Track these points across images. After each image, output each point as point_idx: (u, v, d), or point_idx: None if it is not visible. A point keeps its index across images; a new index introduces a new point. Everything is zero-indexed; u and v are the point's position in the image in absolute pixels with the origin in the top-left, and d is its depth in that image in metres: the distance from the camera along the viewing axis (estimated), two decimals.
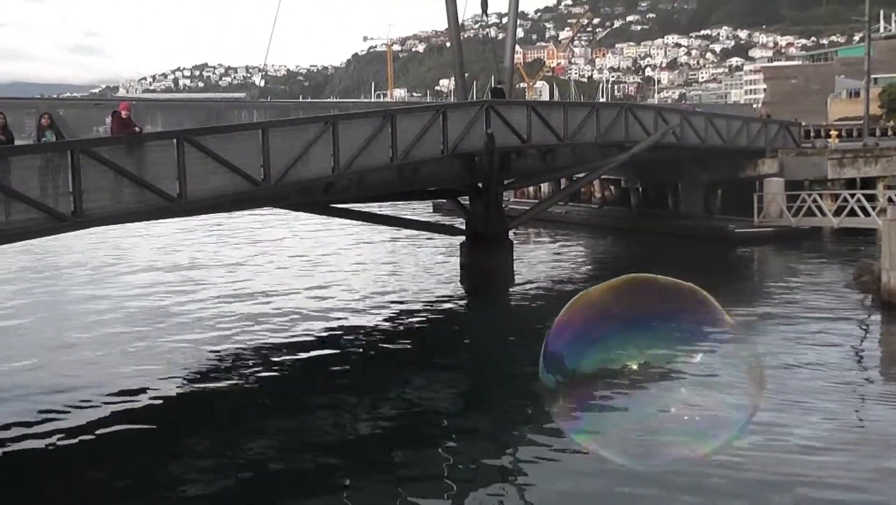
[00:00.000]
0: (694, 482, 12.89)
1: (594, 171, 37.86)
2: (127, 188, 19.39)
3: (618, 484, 13.03)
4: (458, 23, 36.80)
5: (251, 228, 49.67)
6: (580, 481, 13.63)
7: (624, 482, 12.90)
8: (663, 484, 12.70)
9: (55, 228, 18.46)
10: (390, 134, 25.60)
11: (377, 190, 28.65)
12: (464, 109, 29.74)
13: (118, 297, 31.02)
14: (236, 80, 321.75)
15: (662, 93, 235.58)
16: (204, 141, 20.81)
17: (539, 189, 54.62)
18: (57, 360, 22.56)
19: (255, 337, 24.89)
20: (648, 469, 6.01)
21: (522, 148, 31.20)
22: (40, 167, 18.00)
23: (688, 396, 5.59)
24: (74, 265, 37.81)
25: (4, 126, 18.85)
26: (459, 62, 37.18)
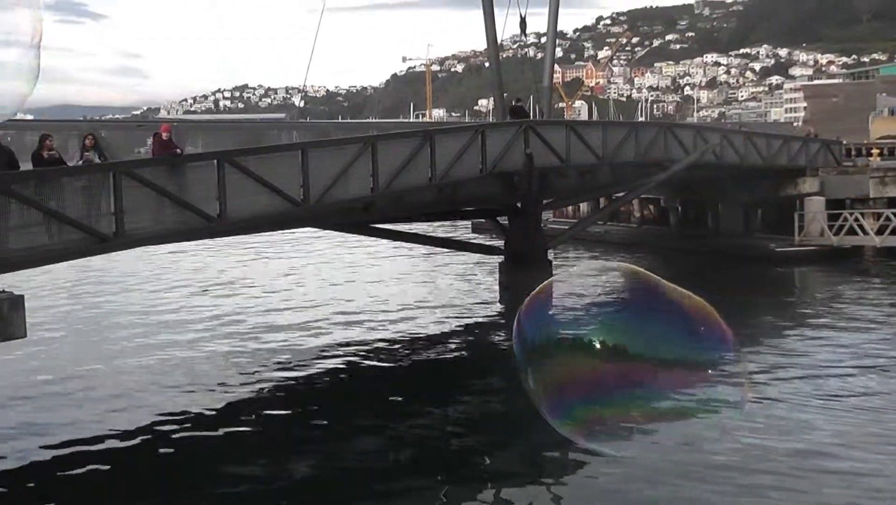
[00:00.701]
0: None
1: (633, 191, 37.72)
2: (168, 209, 19.51)
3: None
4: (497, 43, 36.86)
5: (287, 245, 49.87)
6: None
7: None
8: None
9: (97, 249, 18.60)
10: (429, 154, 25.62)
11: (416, 210, 28.69)
12: (503, 129, 29.73)
13: (161, 312, 31.31)
14: (276, 100, 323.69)
15: (702, 111, 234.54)
16: (244, 162, 20.92)
17: (578, 208, 54.41)
18: (98, 375, 22.77)
19: (295, 354, 24.99)
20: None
21: (561, 167, 31.11)
22: (83, 188, 18.14)
23: None
24: (117, 281, 38.14)
25: (52, 147, 19.07)
26: (498, 82, 37.25)
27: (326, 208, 23.41)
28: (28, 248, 16.90)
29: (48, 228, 17.16)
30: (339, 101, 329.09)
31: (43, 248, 17.16)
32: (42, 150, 18.83)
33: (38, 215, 17.03)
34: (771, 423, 17.17)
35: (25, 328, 16.30)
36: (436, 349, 26.19)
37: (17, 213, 16.66)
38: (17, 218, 16.66)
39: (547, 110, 40.43)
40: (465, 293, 35.10)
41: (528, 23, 38.57)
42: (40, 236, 17.07)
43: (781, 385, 20.32)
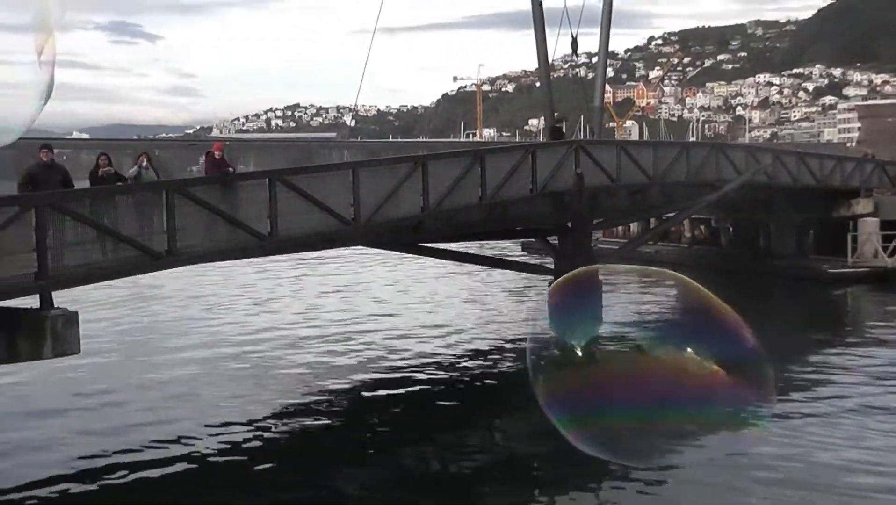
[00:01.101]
0: None
1: (684, 211, 37.47)
2: (220, 227, 19.67)
3: None
4: (549, 63, 36.83)
5: (337, 263, 50.06)
6: None
7: None
8: None
9: (150, 266, 18.79)
10: (479, 174, 25.64)
11: (466, 229, 28.66)
12: (553, 149, 29.68)
13: (210, 326, 31.58)
14: (327, 119, 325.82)
15: (753, 132, 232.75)
16: (295, 180, 21.06)
17: (628, 228, 54.13)
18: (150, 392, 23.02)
19: (344, 372, 25.08)
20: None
21: (612, 187, 30.99)
22: (137, 206, 18.38)
23: None
24: (168, 296, 38.50)
25: (108, 165, 19.32)
26: (549, 102, 37.16)
27: (376, 227, 23.49)
28: (83, 265, 17.14)
29: (103, 246, 17.39)
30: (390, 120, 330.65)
31: (98, 265, 17.39)
32: (98, 169, 19.13)
33: (92, 233, 17.27)
34: (813, 440, 17.12)
35: (79, 344, 16.53)
36: (484, 368, 26.13)
37: (72, 231, 16.90)
38: (72, 235, 16.90)
39: (597, 130, 40.29)
40: (515, 312, 35.01)
41: (579, 43, 38.48)
42: (95, 253, 17.31)
43: (831, 403, 20.19)
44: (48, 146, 18.84)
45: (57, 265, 16.50)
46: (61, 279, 16.76)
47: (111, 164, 19.47)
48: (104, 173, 19.08)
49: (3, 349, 16.14)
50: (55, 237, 16.51)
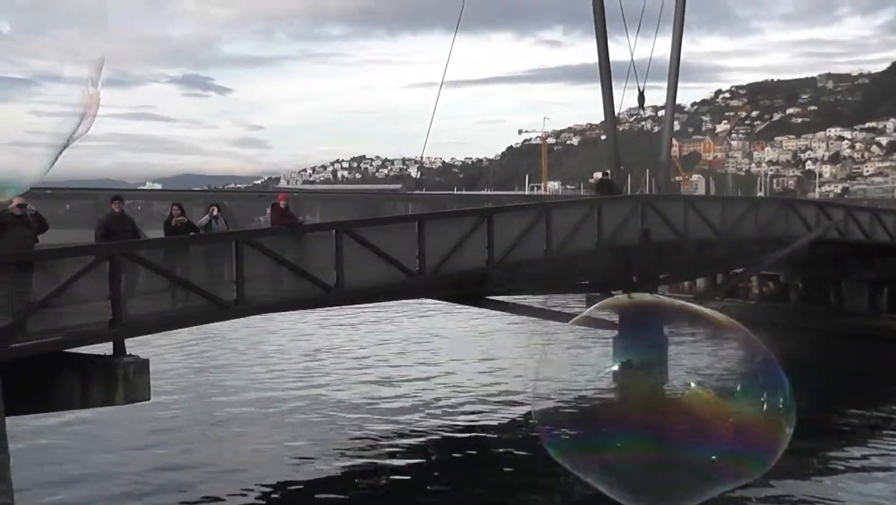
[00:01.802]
0: None
1: (752, 267, 37.13)
2: (286, 277, 19.93)
3: None
4: (615, 116, 36.91)
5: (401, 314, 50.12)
6: None
7: None
8: None
9: (219, 315, 19.09)
10: (545, 227, 25.67)
11: (530, 282, 28.67)
12: (619, 203, 29.66)
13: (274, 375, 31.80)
14: (393, 171, 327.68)
15: (824, 187, 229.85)
16: (362, 232, 21.28)
17: (695, 284, 53.67)
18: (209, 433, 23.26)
19: (406, 423, 25.07)
20: None
21: (678, 242, 30.84)
22: (207, 256, 18.71)
23: None
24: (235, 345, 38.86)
25: (181, 215, 19.76)
26: (615, 155, 37.20)
27: (441, 280, 23.60)
28: (154, 313, 17.48)
29: (173, 295, 17.72)
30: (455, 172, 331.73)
31: (168, 313, 17.73)
32: (172, 218, 19.57)
33: (164, 282, 17.61)
34: None
35: (150, 391, 16.80)
36: None
37: (144, 280, 17.25)
38: (144, 284, 17.25)
39: (664, 184, 40.19)
40: None
41: (646, 96, 38.54)
42: (166, 302, 17.64)
43: None
44: (119, 198, 19.39)
45: (130, 313, 16.83)
46: (134, 327, 17.08)
47: (184, 214, 19.90)
48: (177, 223, 19.50)
49: (77, 395, 16.45)
50: (128, 286, 16.87)
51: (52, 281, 16.21)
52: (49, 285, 16.08)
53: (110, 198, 19.79)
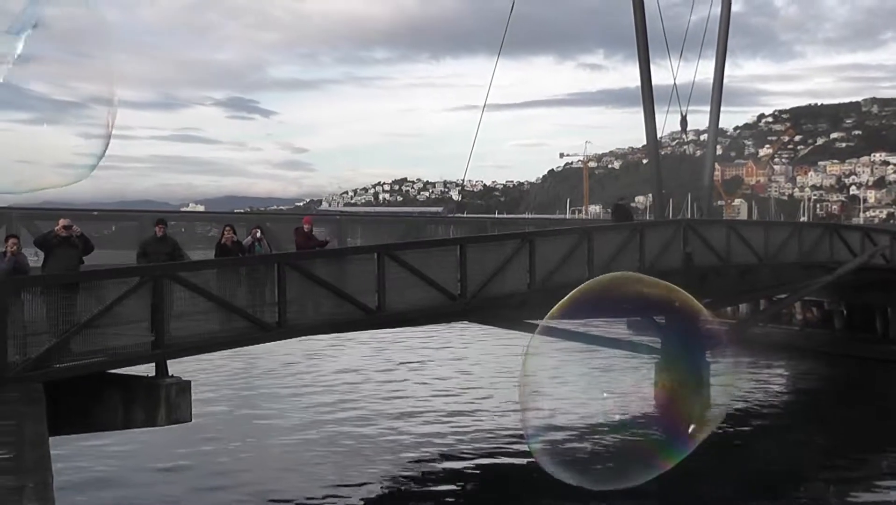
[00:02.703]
0: None
1: (796, 293, 36.75)
2: (327, 300, 19.99)
3: None
4: (657, 140, 36.77)
5: (440, 337, 50.07)
6: None
7: None
8: None
9: (261, 337, 19.17)
10: (586, 251, 25.60)
11: None
12: (661, 227, 29.53)
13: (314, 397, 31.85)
14: (434, 194, 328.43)
15: (868, 212, 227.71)
16: (403, 255, 21.31)
17: (737, 309, 53.22)
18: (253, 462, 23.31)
19: (451, 444, 25.07)
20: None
21: (721, 267, 30.62)
22: (249, 278, 18.83)
23: None
24: (275, 367, 38.98)
25: (230, 235, 20.04)
26: (657, 180, 37.05)
27: (482, 303, 23.56)
28: (196, 335, 17.60)
29: (216, 316, 17.82)
30: (496, 195, 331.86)
31: (210, 335, 17.82)
32: (222, 239, 19.84)
33: (206, 303, 17.72)
34: None
35: (191, 412, 16.90)
36: (588, 447, 25.77)
37: (186, 301, 17.37)
38: (186, 305, 17.37)
39: (706, 209, 40.01)
40: (619, 393, 34.47)
41: (688, 120, 38.41)
42: (208, 324, 17.75)
43: None
44: (163, 221, 19.64)
45: (172, 335, 16.96)
46: (176, 349, 17.21)
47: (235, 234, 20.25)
48: (227, 240, 19.77)
49: (119, 416, 16.59)
50: (171, 307, 17.01)
51: (96, 302, 16.37)
52: (93, 306, 16.24)
53: (154, 220, 20.03)
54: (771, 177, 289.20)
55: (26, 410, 12.51)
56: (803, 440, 26.44)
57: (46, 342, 15.41)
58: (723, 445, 25.83)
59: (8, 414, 11.85)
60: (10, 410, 12.15)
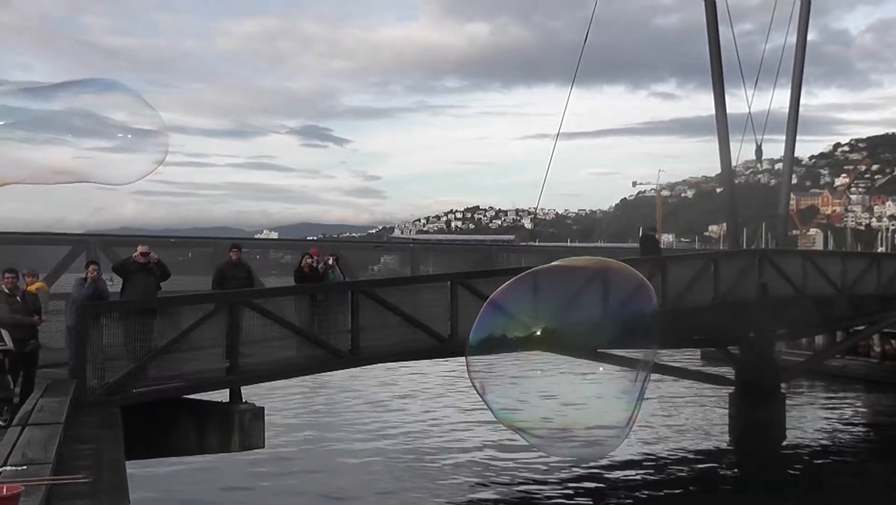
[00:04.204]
0: None
1: (874, 325, 36.03)
2: (401, 328, 20.03)
3: None
4: (732, 169, 36.42)
5: None
6: None
7: None
8: None
9: (334, 364, 19.29)
10: (660, 281, 25.37)
11: None
12: (736, 257, 29.20)
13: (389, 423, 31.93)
14: (506, 222, 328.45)
15: None
16: (476, 284, 21.28)
17: (813, 340, 52.33)
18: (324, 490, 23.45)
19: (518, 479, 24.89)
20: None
21: (797, 298, 30.14)
22: (323, 305, 18.96)
23: None
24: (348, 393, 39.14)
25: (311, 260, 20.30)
26: (732, 209, 36.67)
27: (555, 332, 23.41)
28: (270, 361, 17.74)
29: (290, 343, 17.97)
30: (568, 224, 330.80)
31: (284, 361, 17.97)
32: (303, 266, 20.08)
33: (280, 330, 17.87)
34: None
35: (264, 439, 17.01)
36: (661, 480, 25.50)
37: (261, 329, 17.53)
38: (261, 332, 17.53)
39: (781, 239, 39.46)
40: (693, 424, 34.12)
41: (763, 149, 37.99)
42: (283, 350, 17.90)
43: None
44: (237, 246, 19.89)
45: (246, 361, 17.12)
46: (250, 375, 17.38)
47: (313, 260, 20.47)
48: (306, 265, 20.00)
49: (194, 441, 16.76)
50: (246, 333, 17.18)
51: (172, 327, 16.60)
52: (170, 332, 16.46)
53: (230, 246, 20.30)
54: (847, 206, 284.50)
55: (104, 434, 12.68)
56: (882, 477, 25.85)
57: (124, 367, 15.64)
58: (801, 481, 25.42)
59: (87, 438, 12.03)
60: (88, 434, 12.34)
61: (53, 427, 11.02)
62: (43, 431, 10.78)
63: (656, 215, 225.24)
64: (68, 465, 9.86)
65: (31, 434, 10.57)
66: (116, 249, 25.48)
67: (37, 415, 12.01)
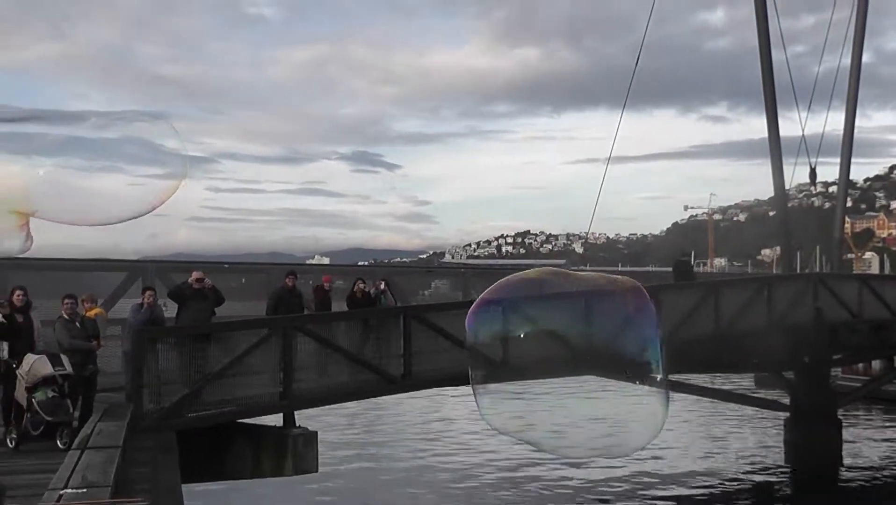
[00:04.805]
0: None
1: None
2: (451, 352, 20.04)
3: None
4: (785, 193, 36.13)
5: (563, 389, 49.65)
6: None
7: None
8: None
9: (386, 390, 19.35)
10: (713, 305, 25.22)
11: (698, 361, 28.08)
12: (790, 282, 28.94)
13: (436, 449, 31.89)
14: (557, 247, 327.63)
15: None
16: (527, 308, 21.24)
17: (870, 365, 51.55)
18: None
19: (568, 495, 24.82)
20: None
21: (853, 322, 29.79)
22: (376, 330, 19.06)
23: None
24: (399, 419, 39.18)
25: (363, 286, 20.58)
26: (786, 232, 36.36)
27: (606, 357, 23.33)
28: (324, 386, 17.85)
29: (343, 368, 18.09)
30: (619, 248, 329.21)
31: (337, 386, 18.06)
32: (355, 291, 20.26)
33: (333, 355, 17.98)
34: None
35: (317, 463, 17.09)
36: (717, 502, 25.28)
37: (314, 353, 17.66)
38: (314, 357, 17.66)
39: (836, 262, 39.07)
40: (747, 450, 33.74)
41: (817, 172, 37.66)
42: (336, 375, 18.00)
43: None
44: (294, 273, 20.11)
45: (300, 385, 17.24)
46: (304, 399, 17.49)
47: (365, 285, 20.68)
48: (359, 291, 20.16)
49: (248, 466, 16.88)
50: (299, 358, 17.31)
51: (227, 352, 16.75)
52: (224, 356, 16.61)
53: (286, 272, 20.50)
54: None
55: (161, 458, 12.84)
56: None
57: (179, 392, 15.81)
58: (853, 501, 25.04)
59: (144, 461, 12.19)
60: (145, 458, 12.49)
61: (112, 451, 11.16)
62: (101, 454, 10.92)
63: (708, 239, 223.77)
64: (127, 488, 9.99)
65: (91, 457, 10.71)
66: (172, 275, 25.81)
67: (95, 438, 12.17)
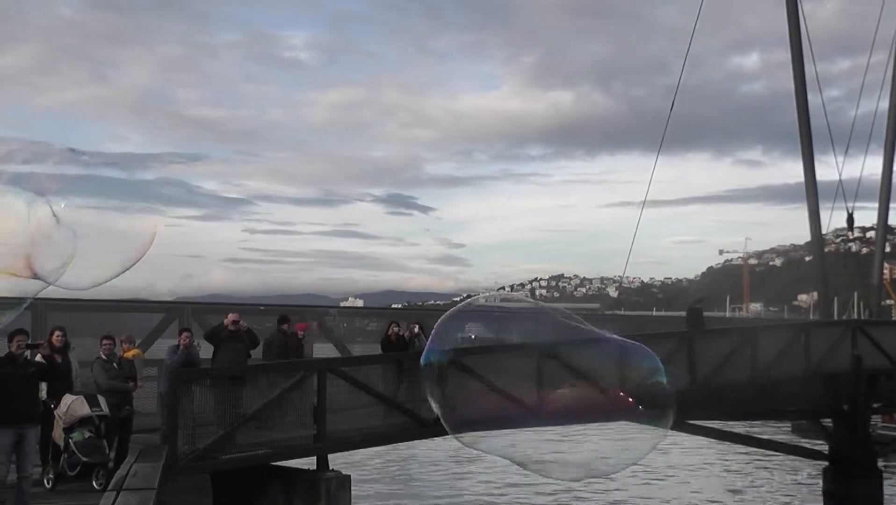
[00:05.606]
0: None
1: None
2: (486, 396, 19.96)
3: None
4: (822, 237, 35.89)
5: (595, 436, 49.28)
6: None
7: None
8: None
9: (419, 434, 19.27)
10: (749, 351, 25.02)
11: (734, 407, 27.84)
12: (828, 328, 28.67)
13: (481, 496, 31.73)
14: (591, 290, 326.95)
15: None
16: (561, 353, 21.17)
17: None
18: None
19: None
20: None
21: (893, 370, 29.43)
22: (408, 373, 19.02)
23: None
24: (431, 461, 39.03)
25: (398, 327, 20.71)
26: (823, 278, 36.08)
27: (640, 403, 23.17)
28: (357, 429, 17.83)
29: (377, 411, 18.07)
30: (654, 292, 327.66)
31: (371, 430, 18.03)
32: (389, 334, 20.34)
33: (366, 397, 17.98)
34: None
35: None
36: None
37: (347, 396, 17.66)
38: (348, 400, 17.66)
39: (875, 309, 38.67)
40: (785, 497, 33.30)
41: (854, 217, 37.39)
42: (369, 419, 17.99)
43: None
44: (287, 319, 20.55)
45: (333, 428, 17.22)
46: (337, 442, 17.46)
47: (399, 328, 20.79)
48: (393, 334, 20.27)
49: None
50: (333, 401, 17.31)
51: (261, 394, 16.78)
52: (259, 399, 16.65)
53: None
54: None
55: (195, 500, 12.87)
56: None
57: (213, 433, 15.83)
58: None
59: (178, 503, 12.22)
60: (179, 500, 12.53)
61: (147, 492, 11.20)
62: (137, 496, 10.97)
63: (743, 284, 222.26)
64: None
65: (126, 499, 10.75)
66: (208, 317, 25.91)
67: (131, 480, 12.22)
